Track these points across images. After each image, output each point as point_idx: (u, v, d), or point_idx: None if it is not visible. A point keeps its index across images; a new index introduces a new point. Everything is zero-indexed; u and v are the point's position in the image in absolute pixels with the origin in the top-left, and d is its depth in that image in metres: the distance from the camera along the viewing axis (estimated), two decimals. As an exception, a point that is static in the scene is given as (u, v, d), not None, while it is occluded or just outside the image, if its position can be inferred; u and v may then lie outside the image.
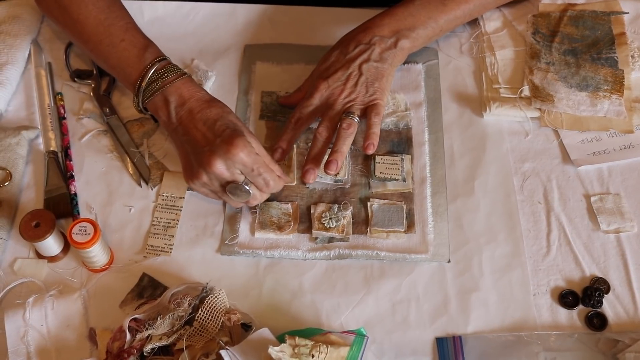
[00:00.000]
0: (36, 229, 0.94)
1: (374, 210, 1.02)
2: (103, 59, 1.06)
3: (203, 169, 0.95)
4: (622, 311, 0.95)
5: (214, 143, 0.95)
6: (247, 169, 0.95)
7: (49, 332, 0.92)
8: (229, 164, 0.94)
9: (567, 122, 1.10)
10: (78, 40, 1.10)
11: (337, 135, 1.01)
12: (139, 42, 1.04)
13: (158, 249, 1.00)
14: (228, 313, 0.89)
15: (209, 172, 0.95)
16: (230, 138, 0.93)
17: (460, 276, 0.98)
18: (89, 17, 1.06)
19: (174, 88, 1.00)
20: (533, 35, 1.18)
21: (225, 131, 0.95)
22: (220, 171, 0.94)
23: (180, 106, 0.99)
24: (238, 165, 0.94)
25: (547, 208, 1.04)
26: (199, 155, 0.96)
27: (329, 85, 1.05)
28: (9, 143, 1.06)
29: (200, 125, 0.97)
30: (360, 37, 1.09)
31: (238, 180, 0.96)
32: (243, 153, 0.93)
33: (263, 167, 0.95)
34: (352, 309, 0.95)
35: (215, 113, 0.98)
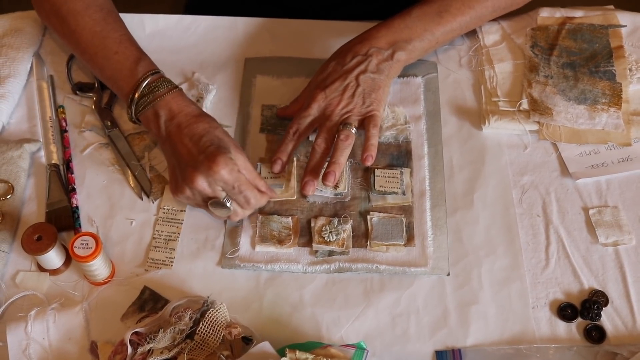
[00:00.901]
0: (38, 243, 0.94)
1: (374, 224, 1.02)
2: (98, 70, 1.08)
3: (186, 184, 0.96)
4: (620, 324, 0.96)
5: (197, 159, 0.96)
6: (228, 186, 0.96)
7: (50, 346, 0.92)
8: (210, 180, 0.95)
9: (565, 135, 1.11)
10: (75, 51, 1.11)
11: (335, 146, 1.02)
12: (132, 55, 1.06)
13: (159, 262, 1.00)
14: (229, 327, 0.90)
15: (191, 187, 0.96)
16: (213, 155, 0.94)
17: (459, 289, 0.98)
18: (85, 29, 1.07)
19: (164, 102, 1.01)
20: (532, 48, 1.19)
21: (210, 148, 0.96)
22: (202, 187, 0.96)
23: (170, 120, 1.00)
24: (219, 182, 0.95)
25: (546, 221, 1.04)
26: (183, 170, 0.97)
27: (327, 95, 1.06)
28: (11, 156, 1.07)
29: (187, 141, 0.98)
30: (357, 49, 1.09)
31: (219, 196, 0.97)
32: (224, 171, 0.94)
33: (244, 184, 0.96)
34: (352, 322, 0.96)
35: (202, 128, 0.99)
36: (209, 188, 0.96)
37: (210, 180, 0.95)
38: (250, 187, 0.97)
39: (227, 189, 0.96)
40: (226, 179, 0.95)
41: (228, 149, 0.96)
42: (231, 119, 1.14)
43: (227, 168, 0.94)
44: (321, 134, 1.04)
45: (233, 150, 0.96)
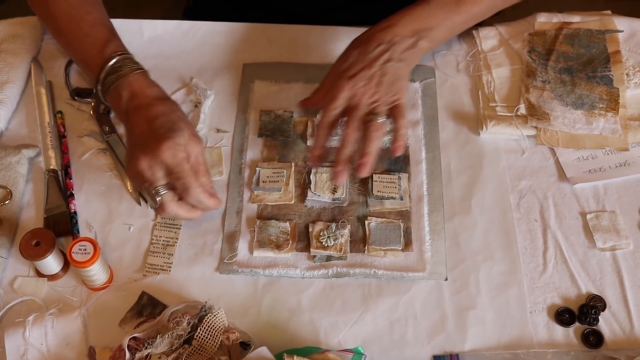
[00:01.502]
0: (36, 248, 0.94)
1: (372, 229, 1.02)
2: (72, 53, 1.09)
3: (130, 165, 0.95)
4: (618, 329, 0.96)
5: (147, 141, 0.94)
6: (167, 170, 0.94)
7: (48, 351, 0.92)
8: (151, 163, 0.93)
9: (563, 140, 1.11)
10: (54, 35, 1.12)
11: (367, 137, 1.01)
12: (102, 37, 1.05)
13: (157, 268, 1.00)
14: (227, 332, 0.90)
15: (134, 169, 0.95)
16: (160, 138, 0.93)
17: (457, 294, 0.98)
18: (61, 12, 1.08)
19: (127, 82, 1.00)
20: (529, 53, 1.19)
21: (160, 130, 0.95)
22: (142, 169, 0.94)
23: (130, 100, 0.99)
24: (160, 165, 0.94)
25: (544, 226, 1.04)
26: (132, 151, 0.96)
27: (353, 84, 1.03)
28: (9, 161, 1.07)
29: (142, 122, 0.97)
30: (380, 36, 1.08)
31: (154, 181, 0.94)
32: (166, 154, 0.93)
33: (186, 172, 0.94)
34: (350, 327, 0.96)
35: (159, 111, 0.97)
36: (149, 171, 0.93)
37: (152, 163, 0.93)
38: (191, 177, 0.95)
39: (167, 173, 0.94)
40: (167, 162, 0.93)
41: (179, 133, 0.94)
42: (229, 124, 1.14)
43: (169, 151, 0.93)
44: (351, 123, 1.01)
45: (187, 137, 0.95)
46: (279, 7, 1.34)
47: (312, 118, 1.12)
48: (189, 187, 0.95)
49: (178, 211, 0.97)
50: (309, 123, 1.13)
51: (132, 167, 0.95)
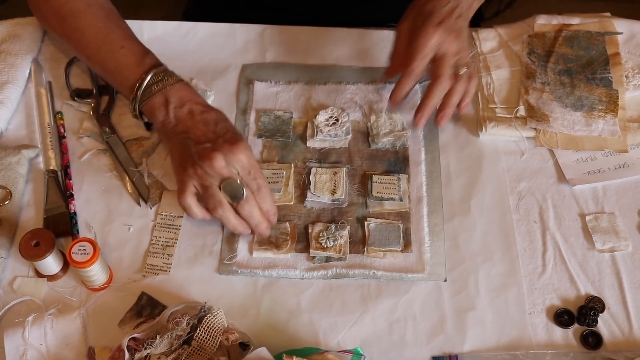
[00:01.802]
0: (36, 248, 0.94)
1: (371, 230, 1.02)
2: (100, 63, 1.08)
3: (202, 161, 0.95)
4: (617, 330, 0.96)
5: (216, 141, 0.96)
6: (244, 170, 0.96)
7: (48, 351, 0.92)
8: (229, 161, 0.95)
9: (562, 141, 1.11)
10: (76, 47, 1.11)
11: (454, 89, 1.05)
12: (139, 49, 1.07)
13: (157, 268, 1.00)
14: (226, 332, 0.90)
15: (208, 165, 0.95)
16: (233, 139, 0.96)
17: (456, 295, 0.98)
18: (88, 26, 1.08)
19: (175, 90, 1.02)
20: (528, 55, 1.19)
21: (228, 133, 0.98)
22: (220, 166, 0.94)
23: (180, 107, 1.01)
24: (237, 164, 0.95)
25: (543, 227, 1.04)
26: (200, 149, 0.96)
27: (442, 32, 1.02)
28: (9, 162, 1.07)
29: (201, 126, 0.99)
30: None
31: (234, 177, 0.96)
32: (244, 155, 0.95)
33: (259, 173, 0.98)
34: (349, 328, 0.96)
35: (215, 117, 1.00)
36: (226, 168, 0.95)
37: (229, 161, 0.95)
38: (263, 177, 0.98)
39: (243, 173, 0.96)
40: (244, 162, 0.96)
41: (243, 137, 0.98)
42: (229, 125, 1.14)
43: (246, 152, 0.96)
44: (445, 71, 1.03)
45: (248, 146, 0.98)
46: (279, 9, 1.34)
47: (312, 119, 1.12)
48: (261, 186, 0.98)
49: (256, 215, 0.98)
50: (308, 124, 1.13)
51: (203, 163, 0.95)
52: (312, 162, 1.10)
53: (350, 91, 1.18)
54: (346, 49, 1.23)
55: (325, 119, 1.12)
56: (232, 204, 0.97)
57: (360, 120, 1.14)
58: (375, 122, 1.13)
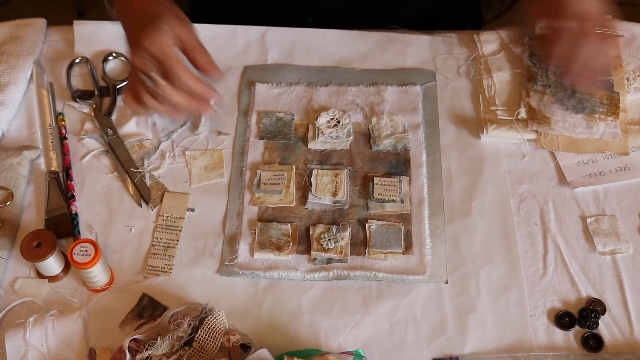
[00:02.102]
0: (37, 249, 0.94)
1: (372, 232, 1.02)
2: None
3: (130, 61, 0.98)
4: (618, 332, 0.96)
5: (133, 36, 0.97)
6: (155, 60, 0.95)
7: (49, 352, 0.92)
8: (142, 55, 0.95)
9: (563, 144, 1.11)
10: None
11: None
12: None
13: (158, 269, 1.00)
14: (227, 334, 0.90)
15: (132, 65, 0.98)
16: (142, 28, 0.95)
17: (457, 297, 0.98)
18: None
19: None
20: (530, 57, 1.19)
21: (143, 23, 0.96)
22: (134, 60, 0.96)
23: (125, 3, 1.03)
24: (147, 56, 0.95)
25: (544, 229, 1.04)
26: (128, 41, 1.01)
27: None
28: (10, 163, 1.07)
29: (131, 21, 1.01)
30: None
31: (147, 71, 0.96)
32: (149, 43, 0.94)
33: (172, 59, 0.95)
34: (351, 329, 0.96)
35: (147, 7, 1.00)
36: (140, 61, 0.95)
37: (142, 55, 0.95)
38: (177, 65, 0.95)
39: (155, 63, 0.95)
40: (151, 51, 0.94)
41: (160, 19, 0.96)
42: (230, 127, 1.14)
43: (154, 41, 0.94)
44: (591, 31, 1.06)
45: (171, 20, 0.96)
46: (280, 10, 1.34)
47: (313, 121, 1.13)
48: (173, 71, 0.95)
49: (177, 98, 0.97)
50: (309, 126, 1.13)
51: (131, 62, 0.98)
52: (313, 164, 1.10)
53: (352, 93, 1.18)
54: (348, 51, 1.23)
55: (327, 120, 1.13)
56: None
57: (362, 122, 1.14)
58: (377, 124, 1.13)
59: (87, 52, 1.22)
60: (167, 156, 1.11)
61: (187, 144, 1.12)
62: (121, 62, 1.22)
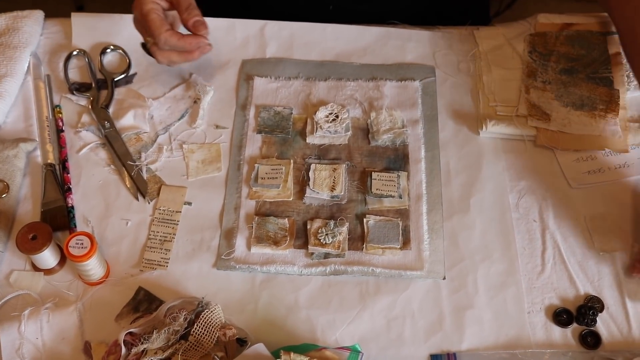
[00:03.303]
0: (33, 242, 0.94)
1: (370, 227, 1.02)
2: None
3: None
4: (615, 330, 0.96)
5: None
6: (142, 28, 1.10)
7: (44, 345, 0.92)
8: (135, 21, 1.12)
9: (562, 140, 1.11)
10: None
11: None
12: None
13: (154, 263, 1.00)
14: (223, 328, 0.89)
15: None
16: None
17: (455, 293, 0.98)
18: None
19: None
20: (530, 54, 1.19)
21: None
22: (136, 28, 1.12)
23: None
24: (137, 22, 1.10)
25: (542, 226, 1.04)
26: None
27: None
28: (6, 155, 1.06)
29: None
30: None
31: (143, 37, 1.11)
32: (135, 10, 1.09)
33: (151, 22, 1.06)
34: (348, 325, 0.95)
35: None
36: (138, 30, 1.12)
37: (135, 22, 1.11)
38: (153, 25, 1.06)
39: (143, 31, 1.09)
40: (136, 16, 1.10)
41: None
42: (228, 121, 1.14)
43: (137, 8, 1.08)
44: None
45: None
46: (279, 4, 1.33)
47: (312, 115, 1.12)
48: (155, 35, 1.07)
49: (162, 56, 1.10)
50: (308, 120, 1.13)
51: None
52: (311, 159, 1.09)
53: (351, 88, 1.17)
54: (347, 46, 1.23)
55: (325, 115, 1.12)
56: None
57: (360, 117, 1.14)
58: (375, 118, 1.12)
59: (84, 45, 1.21)
60: (165, 149, 1.10)
61: (185, 137, 1.12)
62: (119, 55, 1.21)
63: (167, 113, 1.15)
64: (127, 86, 1.18)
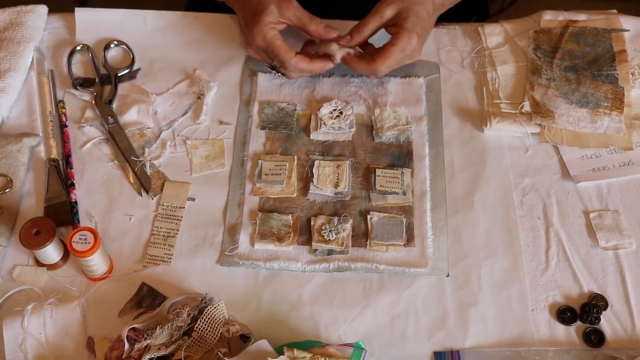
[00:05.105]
0: (36, 237, 0.94)
1: (374, 223, 1.02)
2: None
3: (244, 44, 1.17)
4: (619, 328, 0.95)
5: (243, 30, 1.15)
6: (265, 54, 1.11)
7: (47, 340, 0.92)
8: (254, 49, 1.13)
9: (567, 138, 1.11)
10: None
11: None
12: None
13: (158, 259, 1.00)
14: (227, 324, 0.89)
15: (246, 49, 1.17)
16: (249, 24, 1.10)
17: (459, 290, 0.98)
18: None
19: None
20: (534, 51, 1.19)
21: (248, 17, 1.11)
22: (248, 51, 1.15)
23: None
24: (259, 49, 1.12)
25: (546, 224, 1.04)
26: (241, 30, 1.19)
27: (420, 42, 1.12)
28: (10, 150, 1.06)
29: (239, 13, 1.15)
30: None
31: (266, 60, 1.13)
32: (257, 39, 1.09)
33: (277, 49, 1.08)
34: (351, 321, 0.95)
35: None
36: (257, 54, 1.13)
37: (254, 49, 1.13)
38: (284, 52, 1.08)
39: (265, 56, 1.12)
40: (259, 45, 1.10)
41: (265, 12, 1.08)
42: (232, 116, 1.14)
43: (258, 36, 1.09)
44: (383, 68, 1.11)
45: (275, 10, 1.09)
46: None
47: (316, 111, 1.12)
48: (284, 61, 1.09)
49: (307, 67, 1.11)
50: (312, 116, 1.12)
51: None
52: (315, 155, 1.09)
53: (355, 84, 1.17)
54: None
55: (329, 111, 1.12)
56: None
57: (364, 113, 1.14)
58: (380, 115, 1.12)
59: (88, 40, 1.21)
60: (168, 145, 1.10)
61: (188, 133, 1.12)
62: (122, 50, 1.21)
63: (170, 109, 1.14)
64: (131, 81, 1.18)
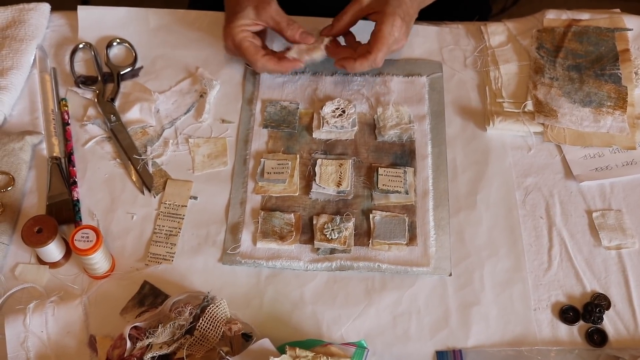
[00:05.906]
0: (38, 235, 0.94)
1: (376, 222, 1.02)
2: None
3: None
4: (622, 328, 0.95)
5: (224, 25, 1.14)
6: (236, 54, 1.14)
7: (49, 339, 0.92)
8: (228, 47, 1.15)
9: (570, 137, 1.10)
10: None
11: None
12: None
13: (160, 257, 1.00)
14: (229, 323, 0.89)
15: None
16: (225, 24, 1.13)
17: (461, 290, 0.98)
18: None
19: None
20: (537, 50, 1.18)
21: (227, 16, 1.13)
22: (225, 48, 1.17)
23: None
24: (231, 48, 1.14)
25: (549, 223, 1.04)
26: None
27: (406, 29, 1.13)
28: (12, 148, 1.06)
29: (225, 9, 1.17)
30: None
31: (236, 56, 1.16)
32: (227, 41, 1.13)
33: (245, 51, 1.10)
34: (353, 320, 0.95)
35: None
36: (233, 54, 1.16)
37: (228, 47, 1.15)
38: (251, 53, 1.10)
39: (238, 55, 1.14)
40: (229, 46, 1.13)
41: (241, 13, 1.10)
42: (234, 115, 1.14)
43: (229, 38, 1.12)
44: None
45: (251, 12, 1.11)
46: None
47: (318, 110, 1.12)
48: (251, 62, 1.12)
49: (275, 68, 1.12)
50: (314, 115, 1.12)
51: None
52: (317, 154, 1.09)
53: (357, 83, 1.17)
54: (353, 41, 1.22)
55: (332, 110, 1.12)
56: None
57: (367, 112, 1.14)
58: (382, 114, 1.12)
59: (90, 38, 1.21)
60: (171, 143, 1.10)
61: (191, 132, 1.12)
62: (125, 48, 1.21)
63: (173, 107, 1.14)
64: (133, 80, 1.18)
